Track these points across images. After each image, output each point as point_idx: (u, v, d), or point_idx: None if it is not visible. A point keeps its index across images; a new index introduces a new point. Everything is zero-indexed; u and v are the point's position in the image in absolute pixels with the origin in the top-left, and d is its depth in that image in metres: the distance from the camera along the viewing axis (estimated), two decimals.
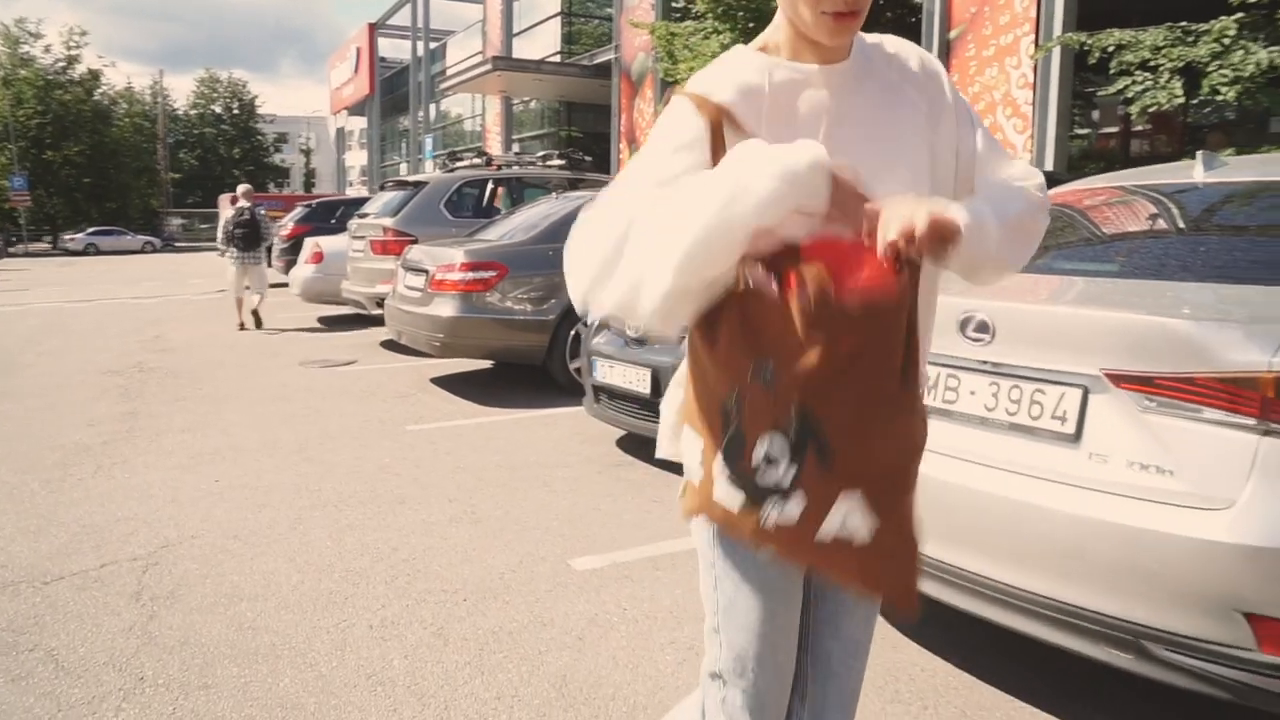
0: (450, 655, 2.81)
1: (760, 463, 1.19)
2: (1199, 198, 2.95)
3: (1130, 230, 2.95)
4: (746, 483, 1.21)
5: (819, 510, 1.18)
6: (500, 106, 27.29)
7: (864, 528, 1.19)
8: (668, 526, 4.00)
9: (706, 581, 1.46)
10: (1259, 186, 2.88)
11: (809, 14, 1.27)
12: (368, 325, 10.72)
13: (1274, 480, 2.00)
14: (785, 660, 1.46)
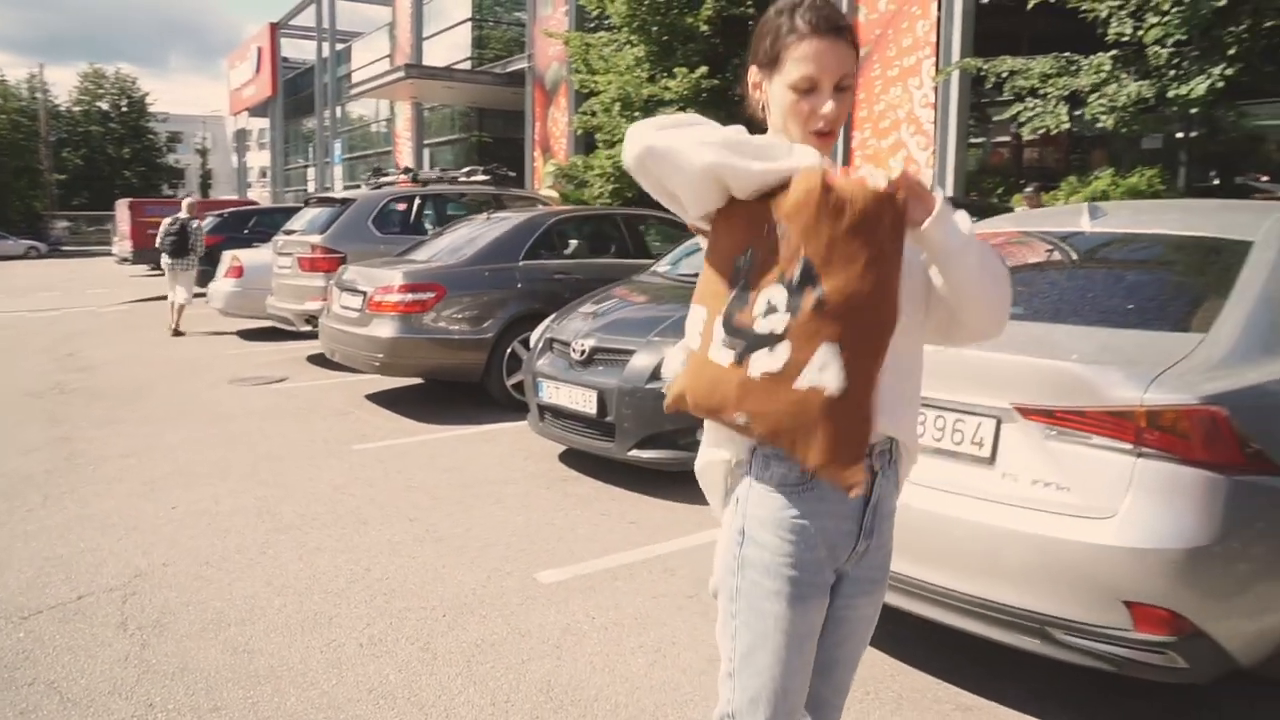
0: (441, 668, 3.07)
1: (760, 312, 1.39)
2: (1085, 244, 3.43)
3: (1031, 274, 3.40)
4: (743, 334, 1.40)
5: (801, 357, 1.36)
6: (411, 112, 27.11)
7: (834, 382, 1.36)
8: (619, 539, 4.33)
9: (725, 630, 1.58)
10: (1132, 237, 3.38)
11: (798, 133, 1.51)
12: (289, 339, 10.73)
13: (1148, 494, 2.45)
14: (798, 698, 1.59)
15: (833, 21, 1.49)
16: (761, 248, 1.40)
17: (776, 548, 1.51)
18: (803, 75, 1.47)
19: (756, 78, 1.57)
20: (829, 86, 1.48)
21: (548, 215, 7.98)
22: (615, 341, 5.11)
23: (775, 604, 1.51)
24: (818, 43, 1.47)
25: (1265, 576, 2.58)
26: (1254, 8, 7.85)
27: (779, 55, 1.50)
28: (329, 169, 32.69)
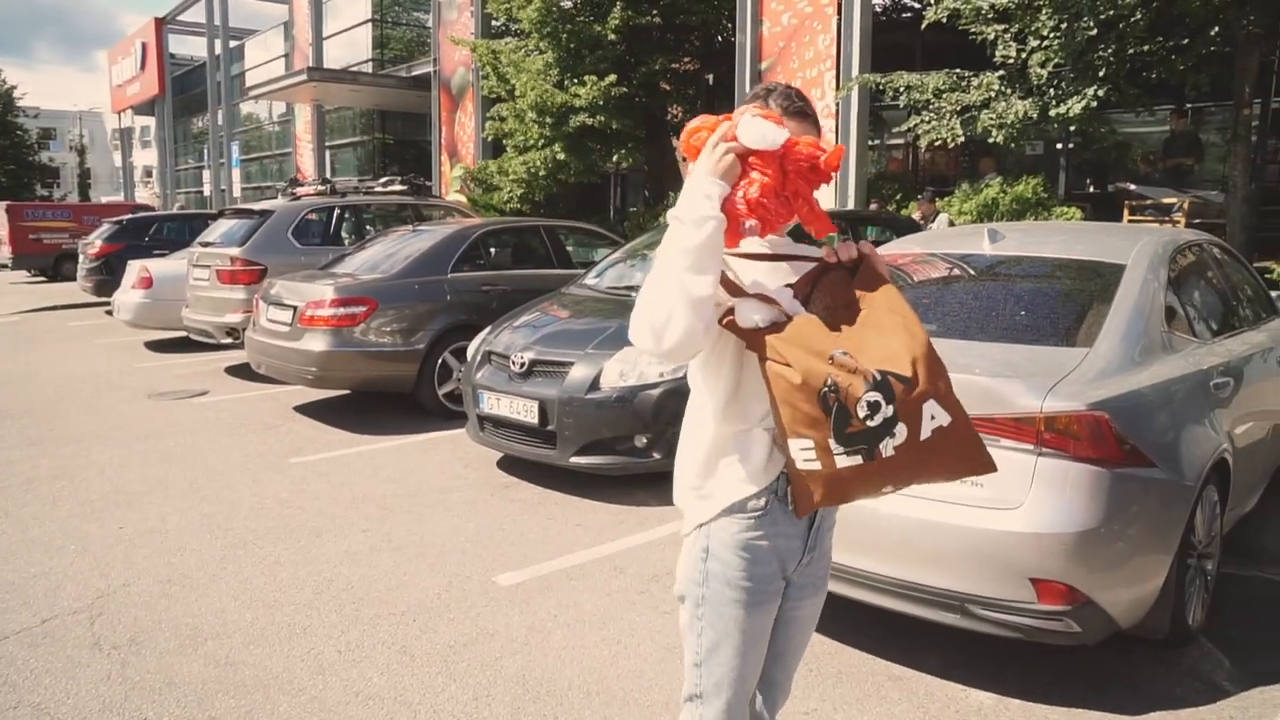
0: (421, 668, 3.30)
1: (866, 414, 1.58)
2: (986, 265, 3.88)
3: (942, 293, 3.84)
4: (863, 437, 1.59)
5: (916, 421, 1.60)
6: (311, 114, 26.60)
7: (946, 414, 1.62)
8: (569, 541, 4.61)
9: (692, 628, 1.85)
10: (1025, 259, 3.86)
11: None
12: (202, 350, 10.59)
13: (1047, 487, 2.88)
14: (752, 682, 1.91)
15: (799, 104, 1.80)
16: (835, 372, 1.61)
17: (736, 565, 1.78)
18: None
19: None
20: None
21: (474, 228, 8.16)
22: (554, 354, 5.39)
23: (735, 609, 1.79)
24: (789, 123, 1.72)
25: (1139, 552, 3.05)
26: (1118, 35, 8.60)
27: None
28: (225, 171, 31.73)
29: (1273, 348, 4.34)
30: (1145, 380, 3.21)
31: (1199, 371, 3.49)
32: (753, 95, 1.82)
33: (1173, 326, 3.60)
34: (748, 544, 1.78)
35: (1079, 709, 3.03)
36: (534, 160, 14.84)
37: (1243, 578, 4.04)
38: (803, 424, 1.63)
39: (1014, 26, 9.34)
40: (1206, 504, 3.41)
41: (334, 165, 28.04)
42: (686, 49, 16.11)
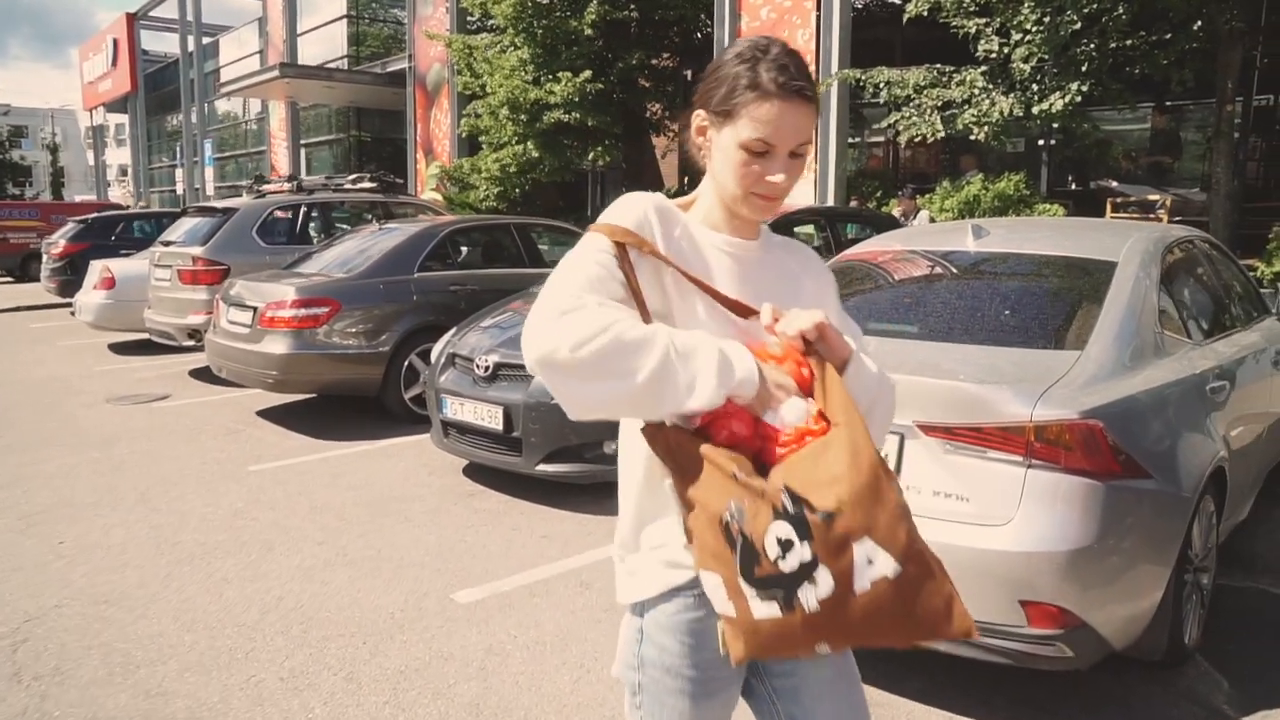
0: (367, 697, 3.07)
1: (776, 555, 1.24)
2: (969, 263, 3.68)
3: (924, 294, 3.64)
4: (774, 581, 1.25)
5: (845, 567, 1.24)
6: (286, 111, 26.21)
7: (889, 562, 1.24)
8: (533, 555, 4.38)
9: (631, 716, 1.53)
10: (1011, 257, 3.66)
11: (740, 190, 1.40)
12: (166, 353, 10.28)
13: (1038, 502, 2.68)
14: None
15: (798, 82, 1.36)
16: (741, 495, 1.27)
17: (676, 650, 1.44)
18: (757, 137, 1.36)
19: (703, 122, 1.44)
20: (784, 153, 1.38)
21: (441, 226, 7.91)
22: (520, 357, 5.13)
23: (678, 700, 1.46)
24: (780, 105, 1.35)
25: (1135, 570, 2.86)
26: (1101, 29, 8.46)
27: (734, 108, 1.37)
28: (199, 169, 31.25)
29: (1265, 348, 4.17)
30: (1139, 385, 3.02)
31: (1194, 375, 3.31)
32: (738, 55, 1.39)
33: (1165, 327, 3.41)
34: (689, 626, 1.43)
35: None
36: (507, 157, 14.59)
37: (1238, 590, 3.87)
38: (709, 555, 1.31)
39: (996, 20, 9.19)
40: (1203, 515, 3.23)
41: (309, 163, 27.66)
42: (665, 44, 15.90)
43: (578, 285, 1.31)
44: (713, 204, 1.48)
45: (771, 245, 1.56)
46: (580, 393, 1.27)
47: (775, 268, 1.53)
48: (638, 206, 1.41)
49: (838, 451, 1.28)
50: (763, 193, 1.40)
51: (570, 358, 1.23)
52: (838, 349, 1.38)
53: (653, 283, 1.38)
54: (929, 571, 1.29)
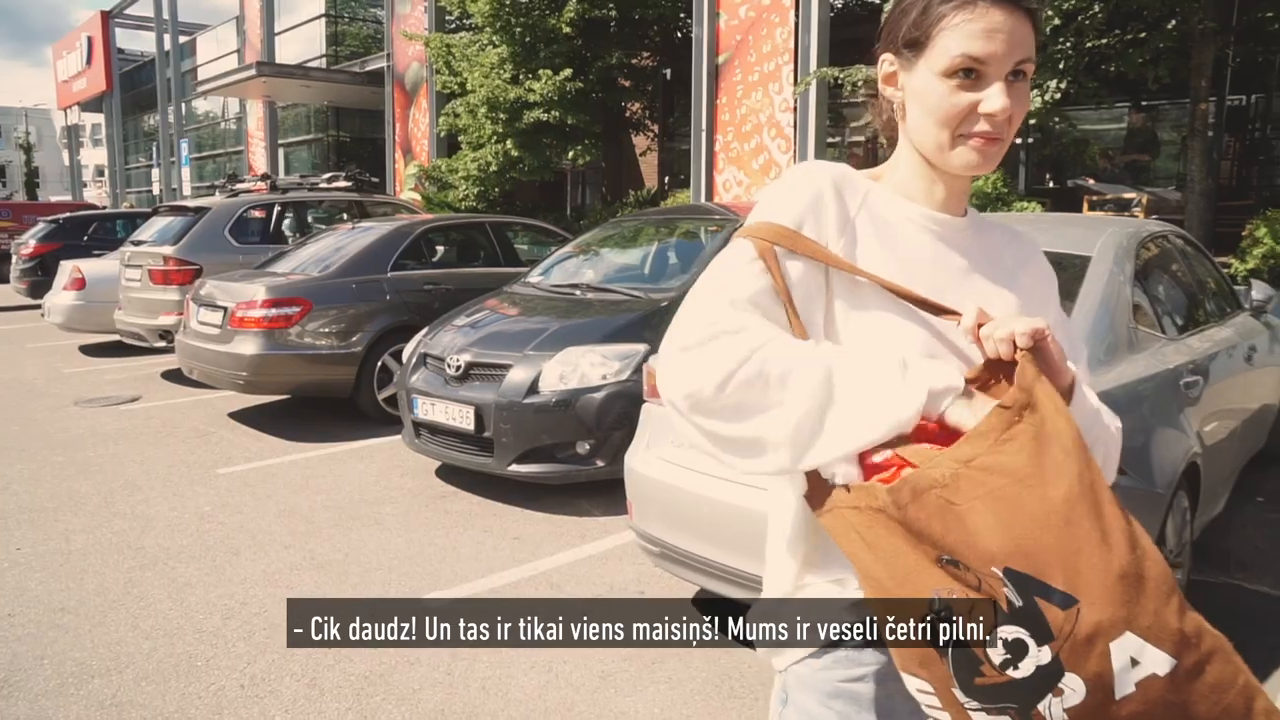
0: (329, 704, 2.99)
1: (1004, 662, 0.96)
2: None
3: None
4: (1005, 692, 0.96)
5: (1098, 669, 0.94)
6: (264, 110, 25.99)
7: (1161, 658, 0.95)
8: (504, 557, 4.31)
9: None
10: None
11: (948, 132, 1.09)
12: (138, 354, 10.14)
13: None
14: None
15: None
16: (950, 585, 0.97)
17: (821, 716, 1.15)
18: (963, 53, 1.06)
19: (891, 68, 1.15)
20: (1000, 73, 1.06)
21: (415, 224, 7.82)
22: (491, 356, 5.08)
23: None
24: (990, 11, 1.05)
25: None
26: (1077, 28, 8.48)
27: (928, 30, 1.08)
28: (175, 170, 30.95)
29: (1239, 344, 4.16)
30: (1113, 381, 2.99)
31: (1168, 370, 3.28)
32: None
33: (1139, 322, 3.38)
34: (839, 690, 1.13)
35: None
36: (486, 157, 14.51)
37: (1212, 585, 3.85)
38: (910, 657, 1.01)
39: None
40: (1177, 511, 3.20)
41: (288, 163, 27.45)
42: (645, 43, 15.85)
43: (719, 305, 1.05)
44: (910, 170, 1.17)
45: (985, 227, 1.23)
46: (730, 434, 1.02)
47: (985, 255, 1.20)
48: (807, 188, 1.12)
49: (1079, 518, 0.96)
50: (979, 130, 1.08)
51: (716, 397, 1.01)
52: (1057, 372, 1.06)
53: (813, 283, 1.10)
54: (1214, 655, 0.98)
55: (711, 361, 1.01)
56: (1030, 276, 1.24)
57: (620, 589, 3.91)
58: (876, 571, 1.01)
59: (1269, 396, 4.88)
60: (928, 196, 1.17)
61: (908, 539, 0.99)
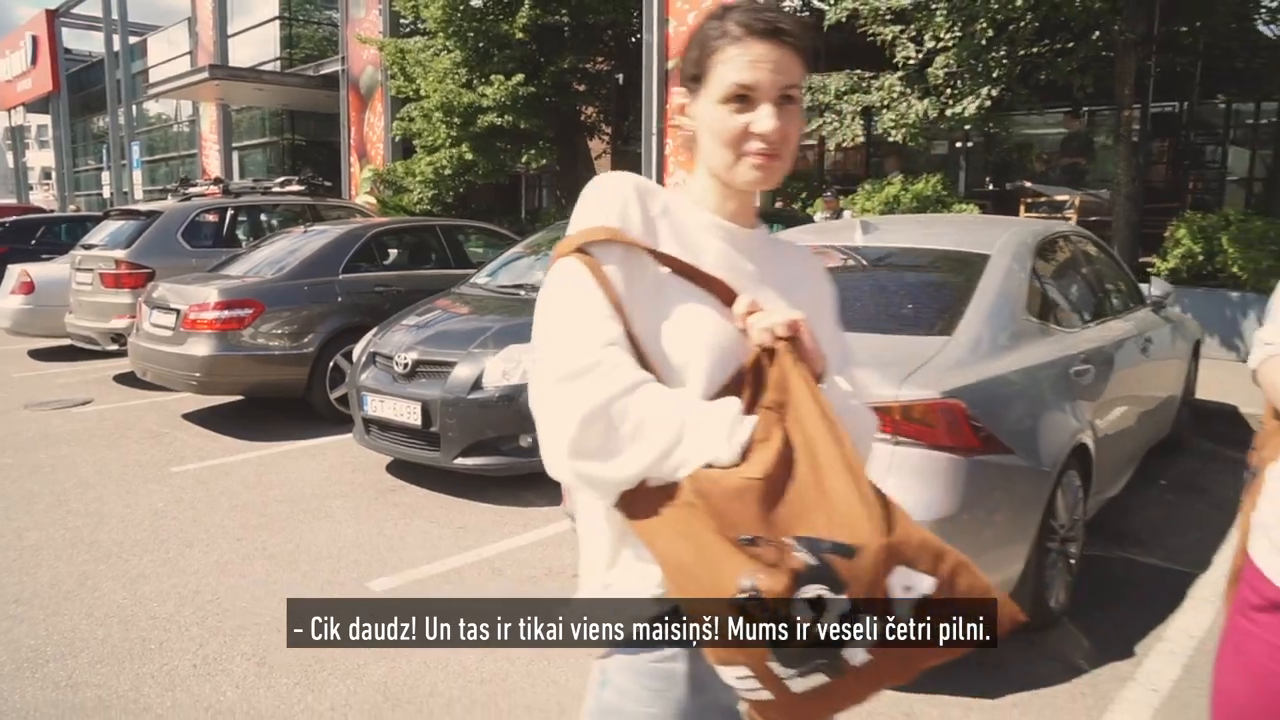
0: (278, 679, 3.17)
1: (814, 619, 1.08)
2: (857, 257, 3.91)
3: None
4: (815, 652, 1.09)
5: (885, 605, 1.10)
6: (217, 113, 25.78)
7: (925, 579, 1.12)
8: (449, 545, 4.50)
9: None
10: (895, 252, 3.89)
11: (731, 153, 1.24)
12: (90, 358, 10.14)
13: (904, 476, 2.90)
14: None
15: (770, 23, 1.22)
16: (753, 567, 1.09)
17: (636, 695, 1.25)
18: (734, 81, 1.21)
19: (683, 99, 1.30)
20: (768, 96, 1.22)
21: (366, 227, 7.97)
22: (437, 354, 5.27)
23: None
24: (754, 45, 1.21)
25: (999, 538, 3.09)
26: (1010, 38, 8.85)
27: (706, 65, 1.24)
28: (126, 173, 30.54)
29: (1136, 335, 4.47)
30: (1004, 368, 3.26)
31: (1059, 359, 3.57)
32: (708, 15, 1.28)
33: (1036, 315, 3.67)
34: (655, 670, 1.24)
35: (943, 695, 3.05)
36: (441, 160, 14.63)
37: (1107, 559, 4.15)
38: (724, 646, 1.12)
39: (911, 28, 9.54)
40: (1068, 489, 3.48)
41: (243, 166, 27.25)
42: (598, 49, 16.05)
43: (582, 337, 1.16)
44: (704, 186, 1.32)
45: (772, 241, 1.39)
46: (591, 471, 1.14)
47: (772, 264, 1.34)
48: (616, 192, 1.25)
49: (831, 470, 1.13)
50: (755, 149, 1.23)
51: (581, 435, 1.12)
52: (811, 359, 1.21)
53: (635, 281, 1.22)
54: (959, 568, 1.16)
55: (581, 401, 1.12)
56: (811, 287, 1.40)
57: (559, 572, 4.12)
58: (686, 562, 1.12)
59: (1171, 387, 5.22)
60: (720, 209, 1.31)
61: (710, 528, 1.10)
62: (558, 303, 1.20)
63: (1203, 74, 11.30)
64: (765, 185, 1.27)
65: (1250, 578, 1.54)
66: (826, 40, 12.65)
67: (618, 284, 1.20)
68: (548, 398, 1.15)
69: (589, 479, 1.16)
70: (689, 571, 1.12)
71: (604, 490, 1.17)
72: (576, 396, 1.12)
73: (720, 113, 1.23)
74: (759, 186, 1.28)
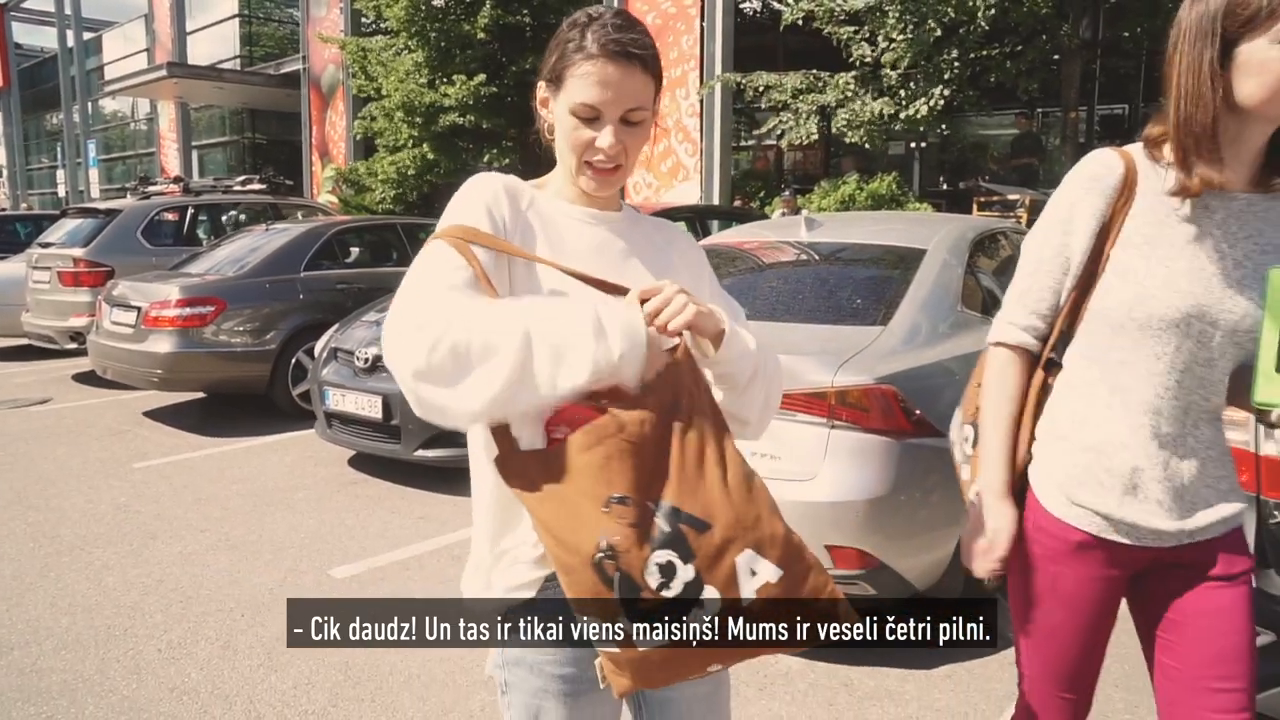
0: (242, 661, 3.27)
1: (661, 582, 1.16)
2: (801, 253, 4.08)
3: (753, 276, 4.02)
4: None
5: (730, 581, 1.18)
6: (176, 112, 25.51)
7: (771, 569, 1.20)
8: (410, 533, 4.61)
9: (501, 702, 1.42)
10: (838, 247, 4.07)
11: (574, 160, 1.33)
12: (47, 357, 10.09)
13: (840, 458, 3.07)
14: None
15: (624, 45, 1.28)
16: (612, 527, 1.17)
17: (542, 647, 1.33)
18: (581, 101, 1.30)
19: (544, 94, 1.38)
20: (613, 118, 1.30)
21: (328, 225, 8.03)
22: None
23: (545, 701, 1.36)
24: (605, 66, 1.28)
25: (932, 517, 3.27)
26: (959, 40, 9.11)
27: (563, 73, 1.32)
28: (82, 171, 30.10)
29: None
30: (938, 355, 3.44)
31: None
32: (571, 22, 1.34)
33: (970, 306, 3.85)
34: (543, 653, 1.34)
35: (883, 667, 3.22)
36: (403, 160, 14.66)
37: None
38: (584, 593, 1.19)
39: (865, 29, 9.76)
40: None
41: (203, 165, 26.98)
42: None
43: (435, 290, 1.21)
44: (564, 179, 1.40)
45: (636, 219, 1.47)
46: (455, 399, 1.15)
47: (639, 240, 1.43)
48: (483, 192, 1.33)
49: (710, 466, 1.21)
50: (595, 161, 1.32)
51: (430, 362, 1.14)
52: (707, 330, 1.29)
53: (501, 271, 1.29)
54: (812, 568, 1.25)
55: (428, 337, 1.14)
56: (679, 254, 1.49)
57: None
58: (555, 524, 1.19)
59: None
60: (583, 200, 1.40)
61: (581, 491, 1.18)
62: (420, 269, 1.26)
63: (1147, 77, 11.67)
64: (603, 192, 1.37)
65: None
66: (784, 41, 12.91)
67: (485, 263, 1.26)
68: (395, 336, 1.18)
69: (443, 411, 1.17)
70: (557, 533, 1.19)
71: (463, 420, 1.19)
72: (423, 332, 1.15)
73: (570, 122, 1.32)
74: (597, 193, 1.37)
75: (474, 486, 1.39)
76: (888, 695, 3.06)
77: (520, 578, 1.32)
